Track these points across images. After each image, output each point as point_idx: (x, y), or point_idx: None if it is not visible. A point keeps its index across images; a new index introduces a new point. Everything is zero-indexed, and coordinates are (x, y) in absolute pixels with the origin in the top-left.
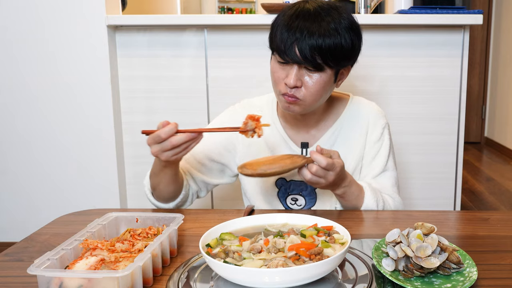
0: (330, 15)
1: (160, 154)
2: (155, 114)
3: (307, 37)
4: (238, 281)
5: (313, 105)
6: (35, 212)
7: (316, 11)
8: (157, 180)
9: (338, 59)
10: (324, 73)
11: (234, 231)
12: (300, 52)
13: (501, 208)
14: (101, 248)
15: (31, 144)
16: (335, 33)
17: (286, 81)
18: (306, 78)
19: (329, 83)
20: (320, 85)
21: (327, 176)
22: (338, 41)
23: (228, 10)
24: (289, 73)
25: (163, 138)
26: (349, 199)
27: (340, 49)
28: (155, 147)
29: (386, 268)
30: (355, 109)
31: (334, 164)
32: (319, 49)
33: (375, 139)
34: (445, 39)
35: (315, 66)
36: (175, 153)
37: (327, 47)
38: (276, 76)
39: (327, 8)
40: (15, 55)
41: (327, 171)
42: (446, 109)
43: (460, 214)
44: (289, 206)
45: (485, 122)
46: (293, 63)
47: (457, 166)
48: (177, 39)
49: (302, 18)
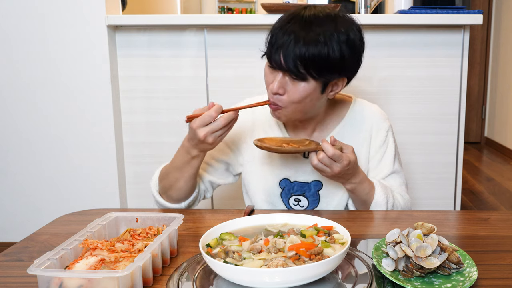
0: (323, 25)
1: (209, 136)
2: (155, 114)
3: (292, 43)
4: (238, 281)
5: (297, 114)
6: (35, 212)
7: (310, 19)
8: (178, 176)
9: (322, 70)
10: (308, 83)
11: (234, 231)
12: (284, 59)
13: (501, 208)
14: (101, 248)
15: (31, 144)
16: (321, 43)
17: (270, 86)
18: (290, 86)
19: (315, 93)
20: (302, 95)
21: (333, 166)
22: (324, 51)
23: (228, 10)
24: (274, 78)
25: (214, 116)
26: (359, 195)
27: (325, 60)
28: (204, 129)
29: (386, 268)
30: (358, 112)
31: (342, 157)
32: (301, 58)
33: (380, 142)
34: (445, 39)
35: (297, 75)
36: (223, 132)
37: (310, 57)
38: (266, 79)
39: (323, 17)
40: (15, 55)
41: (333, 161)
42: (446, 109)
43: (460, 214)
44: (292, 206)
45: (485, 122)
46: (278, 70)
47: (457, 166)
48: (177, 39)
49: (293, 24)
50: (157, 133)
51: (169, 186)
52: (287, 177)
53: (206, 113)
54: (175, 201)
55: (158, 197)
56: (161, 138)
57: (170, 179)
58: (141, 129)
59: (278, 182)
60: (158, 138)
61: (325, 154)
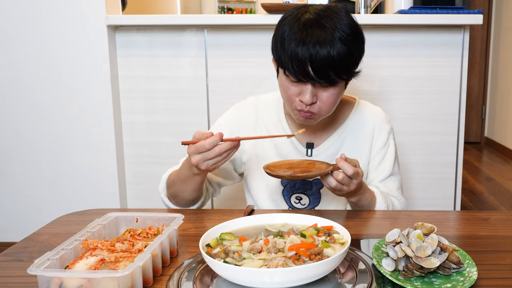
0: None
1: (201, 164)
2: (155, 114)
3: (319, 50)
4: (238, 281)
5: (327, 115)
6: (35, 212)
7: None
8: (183, 188)
9: (349, 68)
10: (338, 85)
11: (234, 231)
12: (313, 70)
13: (501, 208)
14: (101, 248)
15: (31, 144)
16: (342, 41)
17: (301, 98)
18: (321, 93)
19: (342, 91)
20: (334, 98)
21: (351, 184)
22: (345, 49)
23: (228, 10)
24: (303, 91)
25: (208, 148)
26: (362, 205)
27: (349, 58)
28: (197, 156)
29: (386, 268)
30: (361, 114)
31: (358, 173)
32: (332, 63)
33: (381, 144)
34: (445, 39)
35: (329, 82)
36: (216, 161)
37: (339, 60)
38: (289, 93)
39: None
40: (15, 55)
41: (351, 179)
42: (446, 109)
43: (460, 214)
44: (293, 204)
45: (485, 122)
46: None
47: (457, 166)
48: (177, 39)
49: (309, 29)
50: (157, 133)
51: (176, 195)
52: None
53: (200, 143)
54: (184, 206)
55: (167, 201)
56: (161, 138)
57: (177, 188)
58: (141, 129)
59: (281, 180)
60: (158, 138)
61: (345, 174)
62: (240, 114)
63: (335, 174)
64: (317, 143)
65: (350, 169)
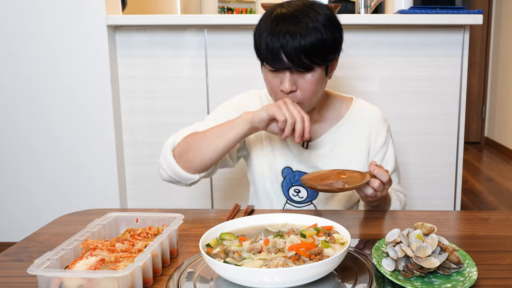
0: (307, 15)
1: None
2: (155, 114)
3: (290, 40)
4: (238, 281)
5: (312, 103)
6: (35, 212)
7: (293, 13)
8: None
9: (324, 55)
10: (315, 72)
11: (234, 231)
12: (287, 57)
13: (501, 208)
14: (101, 248)
15: (31, 144)
16: (315, 31)
17: (281, 87)
18: (300, 81)
19: (322, 78)
20: (314, 84)
21: (384, 190)
22: (320, 37)
23: (228, 10)
24: (282, 80)
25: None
26: (381, 207)
27: (323, 45)
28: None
29: (386, 268)
30: (358, 112)
31: (390, 179)
32: (303, 50)
33: (381, 143)
34: (445, 39)
35: (305, 67)
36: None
37: (310, 46)
38: (271, 85)
39: (302, 8)
40: (15, 55)
41: (384, 185)
42: (446, 109)
43: (460, 214)
44: (291, 197)
45: (485, 122)
46: (284, 69)
47: (457, 166)
48: (177, 39)
49: (282, 24)
50: (157, 133)
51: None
52: (290, 165)
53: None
54: (191, 168)
55: (170, 159)
56: (161, 138)
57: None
58: (141, 129)
59: (281, 170)
60: (158, 138)
61: (380, 181)
62: (249, 102)
63: (372, 182)
64: (313, 138)
65: (386, 176)
